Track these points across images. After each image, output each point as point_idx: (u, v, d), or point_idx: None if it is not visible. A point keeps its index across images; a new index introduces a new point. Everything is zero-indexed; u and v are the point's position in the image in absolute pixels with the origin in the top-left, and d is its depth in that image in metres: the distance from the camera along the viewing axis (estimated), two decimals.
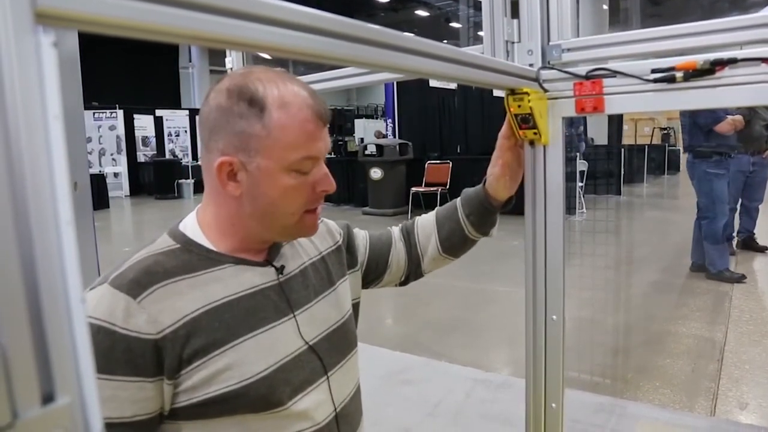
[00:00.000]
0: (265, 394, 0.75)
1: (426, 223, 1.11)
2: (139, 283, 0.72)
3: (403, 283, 1.12)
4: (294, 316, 0.83)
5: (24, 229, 0.25)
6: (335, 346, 0.87)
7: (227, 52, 1.41)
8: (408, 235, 1.11)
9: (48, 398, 0.26)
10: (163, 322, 0.70)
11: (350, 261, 1.00)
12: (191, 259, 0.77)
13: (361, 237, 1.06)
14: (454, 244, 1.09)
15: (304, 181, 0.76)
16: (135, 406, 0.69)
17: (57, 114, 0.26)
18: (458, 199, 1.11)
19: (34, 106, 0.25)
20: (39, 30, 0.26)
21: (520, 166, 1.09)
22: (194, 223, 0.82)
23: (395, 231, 1.12)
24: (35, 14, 0.25)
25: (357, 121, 17.00)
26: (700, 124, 4.45)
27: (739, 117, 4.39)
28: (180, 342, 0.71)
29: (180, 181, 12.82)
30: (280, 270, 0.84)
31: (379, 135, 11.76)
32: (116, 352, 0.68)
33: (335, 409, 0.85)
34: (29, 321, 0.25)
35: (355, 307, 1.00)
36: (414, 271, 1.10)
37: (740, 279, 4.46)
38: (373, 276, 1.06)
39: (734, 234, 5.20)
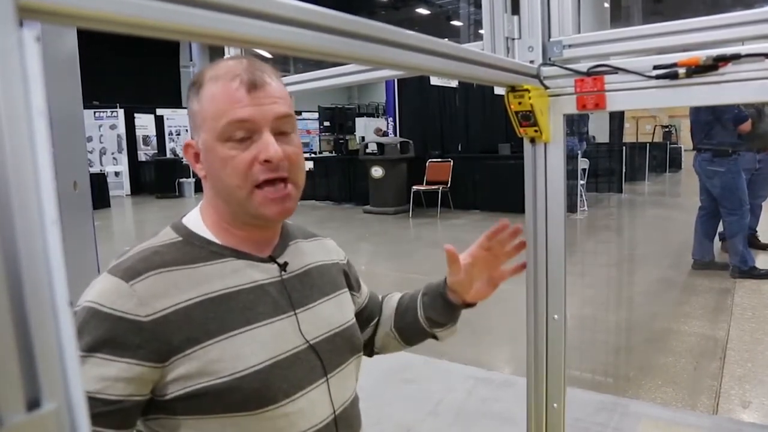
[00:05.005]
0: (258, 389, 0.74)
1: (391, 300, 1.08)
2: (134, 269, 0.73)
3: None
4: (295, 314, 0.82)
5: (7, 228, 0.25)
6: (337, 348, 0.86)
7: (226, 50, 1.40)
8: (382, 303, 1.09)
9: (33, 404, 0.25)
10: (153, 306, 0.71)
11: (350, 285, 0.99)
12: (192, 251, 0.78)
13: (362, 283, 1.05)
14: (408, 323, 1.03)
15: (244, 151, 0.74)
16: (99, 384, 0.67)
17: (41, 110, 0.25)
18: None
19: (17, 102, 0.24)
20: (22, 24, 0.25)
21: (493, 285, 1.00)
22: (197, 216, 0.83)
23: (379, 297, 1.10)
24: (18, 8, 0.25)
25: (358, 120, 16.96)
26: (725, 122, 4.41)
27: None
28: (170, 328, 0.71)
29: (181, 180, 12.82)
30: (283, 267, 0.84)
31: (379, 132, 11.73)
32: (99, 330, 0.68)
33: (334, 412, 0.83)
34: (13, 324, 0.24)
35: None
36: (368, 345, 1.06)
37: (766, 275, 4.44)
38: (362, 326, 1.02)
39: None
